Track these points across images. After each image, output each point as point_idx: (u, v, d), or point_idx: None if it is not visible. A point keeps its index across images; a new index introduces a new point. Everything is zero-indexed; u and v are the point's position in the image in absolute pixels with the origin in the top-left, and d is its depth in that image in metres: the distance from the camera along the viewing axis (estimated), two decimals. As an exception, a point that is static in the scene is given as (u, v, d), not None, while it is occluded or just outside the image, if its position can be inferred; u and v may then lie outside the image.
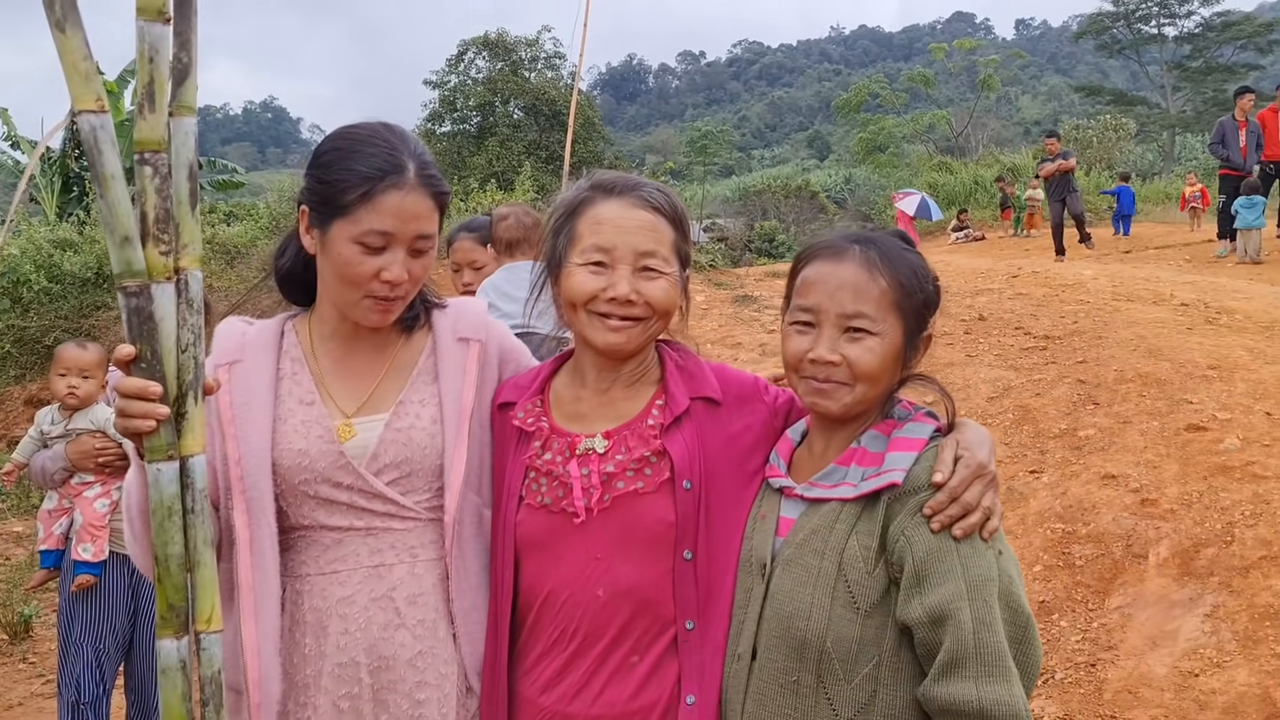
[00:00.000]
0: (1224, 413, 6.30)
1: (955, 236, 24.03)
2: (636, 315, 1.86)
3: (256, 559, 1.85)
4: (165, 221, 1.50)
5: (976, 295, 11.10)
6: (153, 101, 1.49)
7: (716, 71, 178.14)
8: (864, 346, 1.73)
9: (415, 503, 1.93)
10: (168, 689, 1.52)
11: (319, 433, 1.90)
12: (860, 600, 1.65)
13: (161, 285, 1.50)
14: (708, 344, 10.38)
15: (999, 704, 1.53)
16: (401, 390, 1.97)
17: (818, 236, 1.91)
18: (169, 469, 1.53)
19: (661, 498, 1.84)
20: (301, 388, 1.95)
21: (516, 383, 2.04)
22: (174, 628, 1.52)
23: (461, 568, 1.94)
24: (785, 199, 32.85)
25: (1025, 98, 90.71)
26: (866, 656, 1.64)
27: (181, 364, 1.54)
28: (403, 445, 1.92)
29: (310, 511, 1.90)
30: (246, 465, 1.86)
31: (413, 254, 1.88)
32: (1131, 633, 4.81)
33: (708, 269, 17.80)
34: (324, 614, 1.88)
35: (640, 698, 1.82)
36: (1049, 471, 6.27)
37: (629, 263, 1.85)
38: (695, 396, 1.92)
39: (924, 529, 1.62)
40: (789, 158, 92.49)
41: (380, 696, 1.87)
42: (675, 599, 1.83)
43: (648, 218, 1.88)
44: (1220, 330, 8.35)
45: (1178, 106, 46.38)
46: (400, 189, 1.83)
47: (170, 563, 1.52)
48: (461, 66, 34.52)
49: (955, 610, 1.56)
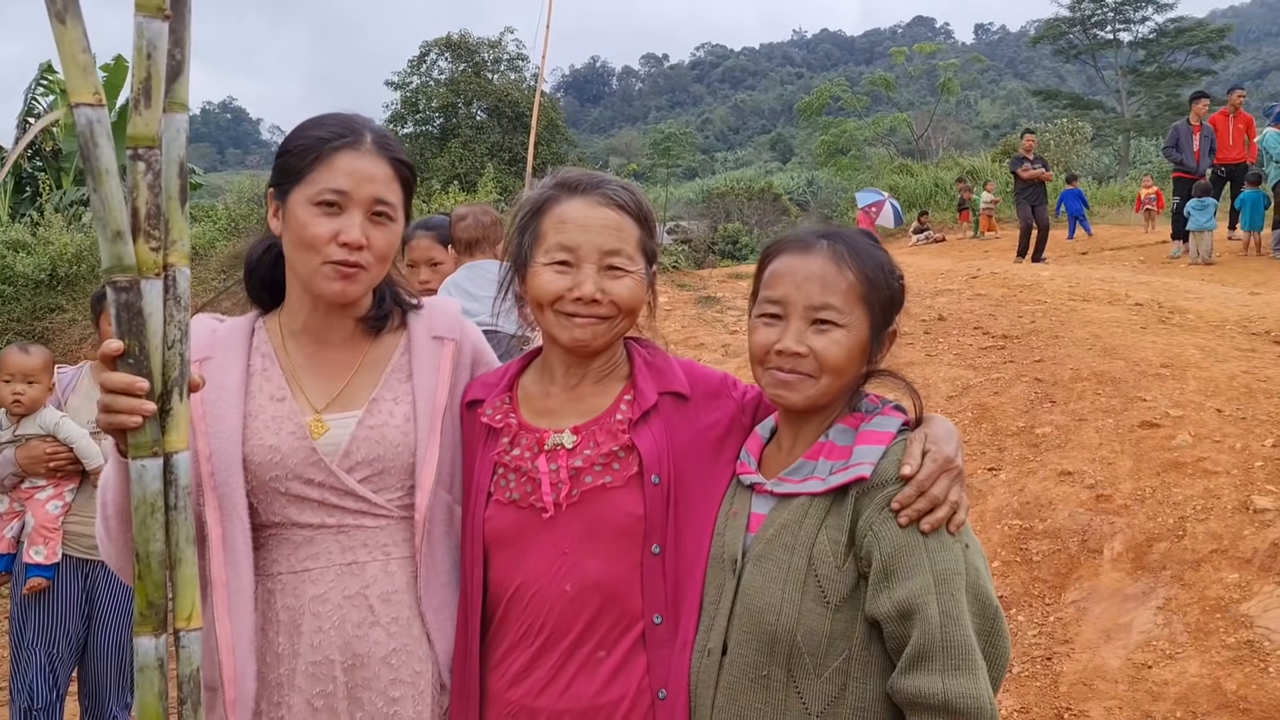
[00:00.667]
0: (1176, 410, 6.40)
1: (916, 238, 24.23)
2: (602, 314, 1.87)
3: (229, 555, 1.84)
4: (156, 217, 1.50)
5: (936, 295, 11.21)
6: (149, 97, 1.49)
7: (680, 74, 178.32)
8: (830, 338, 1.74)
9: (387, 500, 1.92)
10: (144, 687, 1.51)
11: (290, 429, 1.89)
12: (830, 595, 1.66)
13: (151, 281, 1.50)
14: (671, 345, 10.35)
15: (964, 696, 1.54)
16: (375, 387, 1.97)
17: (784, 232, 1.93)
18: (153, 465, 1.52)
19: (629, 492, 1.85)
20: (272, 384, 1.94)
21: (485, 380, 2.04)
22: (153, 625, 1.51)
23: (431, 565, 1.94)
24: (748, 201, 32.97)
25: (984, 101, 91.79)
26: (836, 650, 1.65)
27: (168, 360, 1.54)
28: (375, 443, 1.91)
29: (281, 509, 1.89)
30: (217, 461, 1.85)
31: (373, 221, 1.87)
32: (1086, 626, 4.88)
33: (671, 270, 17.84)
34: (297, 612, 1.87)
35: (607, 692, 1.82)
36: (1007, 469, 6.34)
37: (594, 261, 1.86)
38: (664, 391, 1.93)
39: (892, 523, 1.63)
40: (752, 160, 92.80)
41: (355, 694, 1.87)
42: (643, 593, 1.84)
43: (612, 216, 1.89)
44: (1173, 329, 8.49)
45: (1132, 111, 47.13)
46: (354, 149, 1.86)
47: (151, 560, 1.52)
48: (424, 68, 34.34)
49: (923, 604, 1.57)
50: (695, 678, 1.80)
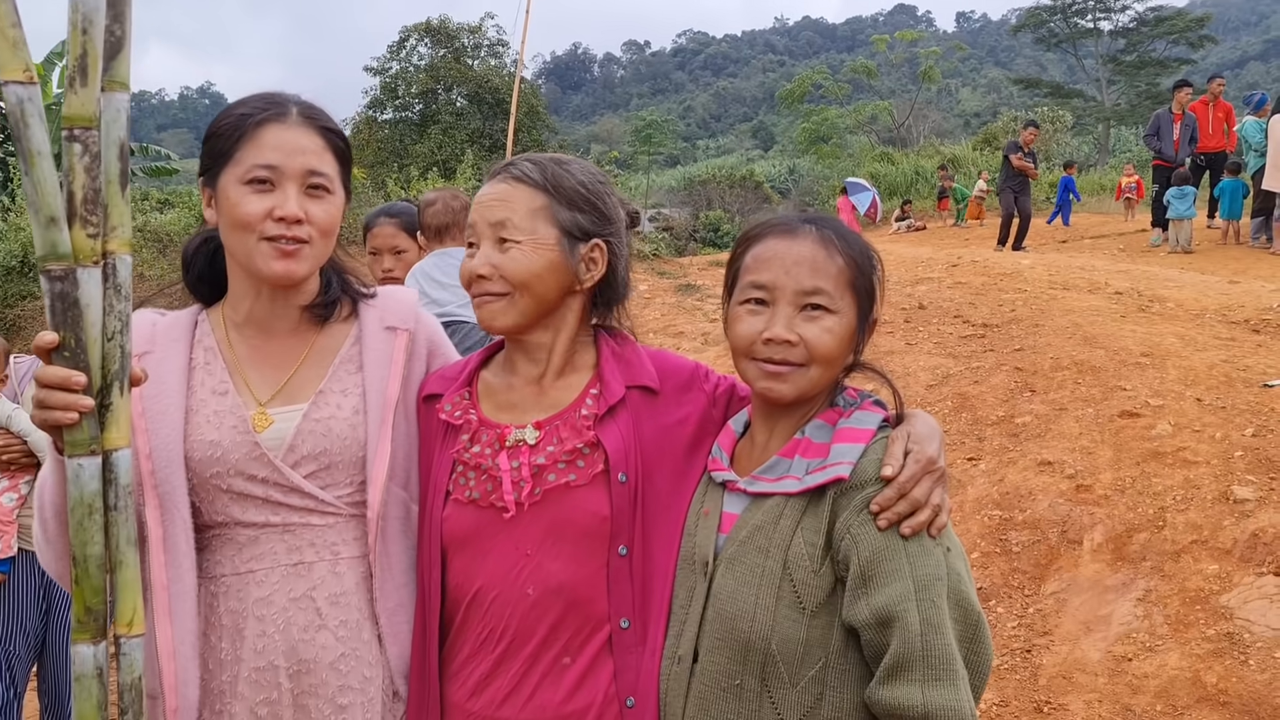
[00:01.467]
0: (1156, 399, 6.38)
1: (897, 226, 24.24)
2: (495, 290, 1.80)
3: (171, 557, 1.76)
4: (94, 202, 1.43)
5: (917, 284, 11.18)
6: (84, 75, 1.41)
7: (662, 61, 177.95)
8: (822, 326, 1.66)
9: (336, 497, 1.84)
10: (82, 698, 1.43)
11: (232, 423, 1.81)
12: (806, 600, 1.59)
13: (88, 269, 1.43)
14: (650, 333, 10.33)
15: (944, 709, 1.48)
16: (322, 379, 1.89)
17: (762, 217, 1.83)
18: (90, 464, 1.45)
19: (595, 491, 1.77)
20: (214, 377, 1.86)
21: (443, 374, 1.96)
22: (91, 632, 1.44)
23: (386, 566, 1.86)
24: (730, 189, 32.85)
25: (965, 90, 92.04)
26: (813, 658, 1.58)
27: (107, 353, 1.46)
28: (321, 436, 1.83)
29: (224, 507, 1.81)
30: (158, 459, 1.77)
31: (309, 195, 1.81)
32: (1066, 618, 4.85)
33: (651, 258, 17.76)
34: (240, 616, 1.79)
35: (574, 700, 1.75)
36: (987, 459, 6.31)
37: (488, 237, 1.81)
38: (631, 385, 1.85)
39: (870, 526, 1.56)
40: (734, 148, 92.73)
41: (300, 702, 1.79)
42: (609, 597, 1.76)
43: (503, 189, 1.82)
44: (1153, 318, 8.48)
45: (1113, 99, 47.29)
46: (280, 122, 1.80)
47: (89, 564, 1.44)
48: (403, 53, 34.03)
49: (903, 612, 1.50)
50: (665, 685, 1.72)
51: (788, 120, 56.07)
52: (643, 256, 17.99)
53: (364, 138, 32.04)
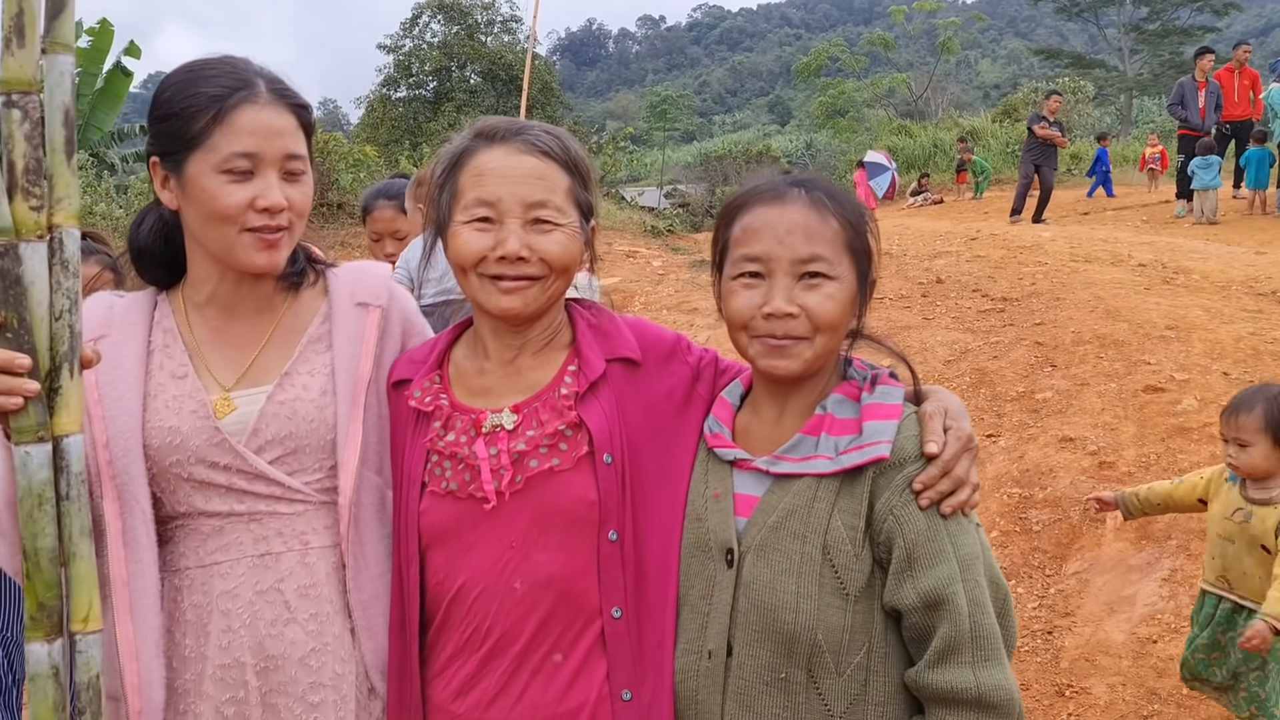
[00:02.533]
0: (1182, 373, 6.26)
1: (914, 200, 23.99)
2: (531, 274, 1.67)
3: (131, 551, 1.67)
4: (37, 173, 1.34)
5: (934, 258, 11.03)
6: (21, 35, 1.32)
7: (677, 36, 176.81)
8: (823, 293, 1.58)
9: (304, 484, 1.74)
10: (38, 699, 1.36)
11: (191, 408, 1.71)
12: (849, 585, 1.54)
13: (32, 244, 1.34)
14: (664, 309, 10.22)
15: (997, 689, 1.48)
16: (289, 360, 1.78)
17: (745, 183, 1.73)
18: (39, 452, 1.36)
19: (580, 474, 1.67)
20: (174, 360, 1.76)
21: (411, 357, 1.84)
22: (45, 629, 1.36)
23: (360, 555, 1.76)
24: (746, 164, 32.65)
25: (985, 61, 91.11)
26: (856, 645, 1.55)
27: (55, 333, 1.37)
28: (286, 419, 1.73)
29: (186, 496, 1.71)
30: (115, 448, 1.68)
31: (287, 179, 1.70)
32: (1089, 599, 4.75)
33: (665, 234, 17.62)
34: (204, 611, 1.70)
35: (566, 700, 1.65)
36: (1006, 435, 6.21)
37: (518, 215, 1.66)
38: (611, 358, 1.74)
39: (913, 507, 1.53)
40: (750, 123, 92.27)
41: (269, 700, 1.69)
42: (600, 586, 1.66)
43: (535, 164, 1.68)
44: (1178, 290, 8.34)
45: (1135, 69, 46.55)
46: (254, 103, 1.67)
47: (41, 557, 1.36)
48: (416, 30, 33.91)
49: (952, 594, 1.49)
50: (695, 682, 1.63)
51: (804, 94, 55.54)
52: (657, 233, 17.86)
53: (378, 116, 32.00)
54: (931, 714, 1.51)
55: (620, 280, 11.59)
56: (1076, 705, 4.15)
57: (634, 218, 19.75)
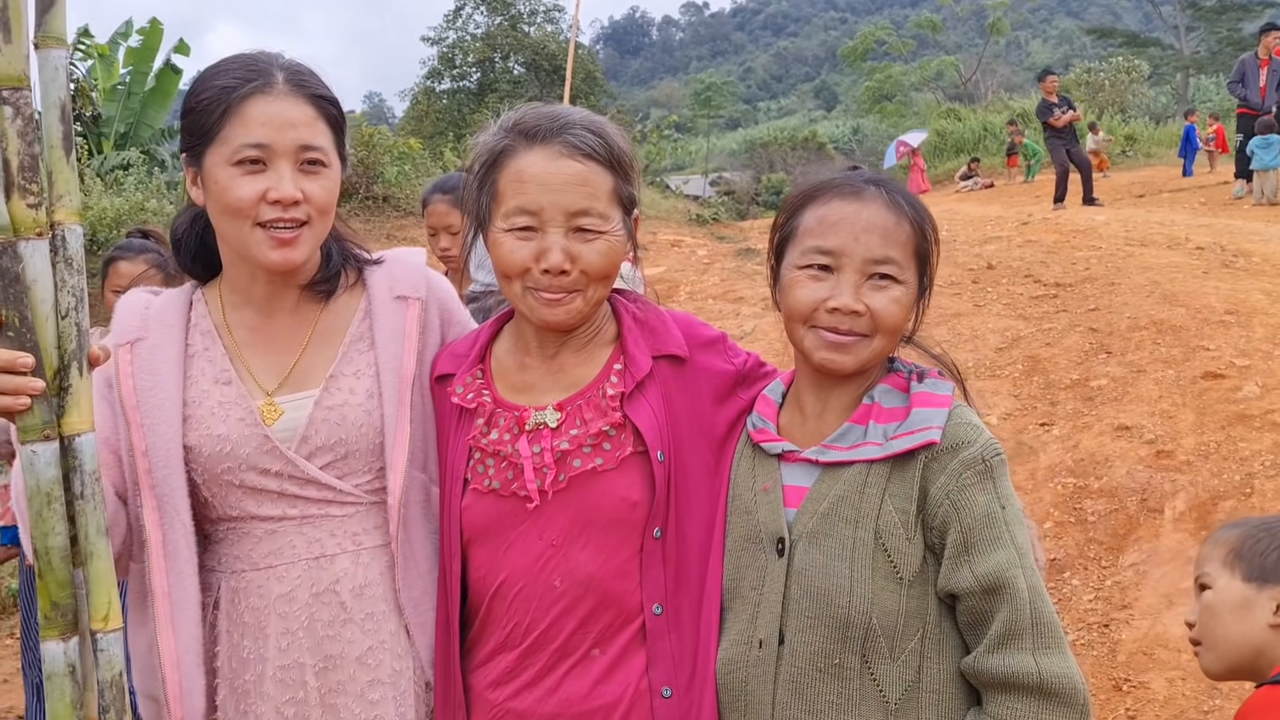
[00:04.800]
0: (1242, 359, 6.13)
1: (964, 184, 23.67)
2: (573, 286, 1.64)
3: (171, 562, 1.68)
4: (33, 170, 1.32)
5: (985, 243, 10.87)
6: (7, 30, 1.30)
7: (721, 22, 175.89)
8: (890, 296, 1.60)
9: (354, 486, 1.74)
10: (55, 697, 1.35)
11: (239, 415, 1.71)
12: (902, 569, 1.55)
13: (32, 242, 1.33)
14: (710, 299, 10.18)
15: (1059, 676, 1.47)
16: (332, 362, 1.77)
17: (818, 174, 1.72)
18: (45, 450, 1.36)
19: (624, 475, 1.66)
20: (215, 365, 1.75)
21: (453, 351, 1.82)
22: (59, 628, 1.36)
23: (409, 554, 1.76)
24: (792, 151, 32.51)
25: (1035, 42, 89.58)
26: (911, 629, 1.55)
27: (62, 331, 1.36)
28: (336, 425, 1.73)
29: (238, 501, 1.72)
30: (154, 457, 1.68)
31: (304, 171, 1.67)
32: (1147, 591, 4.66)
33: (711, 223, 17.54)
34: (262, 614, 1.71)
35: (602, 693, 1.64)
36: (1060, 424, 6.11)
37: (560, 225, 1.62)
38: (658, 355, 1.72)
39: (971, 492, 1.54)
40: (795, 109, 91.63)
41: (329, 700, 1.70)
42: (642, 582, 1.65)
43: (578, 169, 1.63)
44: (1237, 274, 8.14)
45: (1191, 47, 45.46)
46: (266, 94, 1.65)
47: (52, 556, 1.36)
48: (460, 22, 34.19)
49: (1011, 578, 1.50)
50: (744, 672, 1.62)
51: (851, 79, 55.13)
52: (702, 221, 17.79)
53: (422, 109, 32.24)
54: (990, 701, 1.51)
55: (665, 270, 11.56)
56: (1134, 700, 4.07)
57: (679, 206, 19.71)
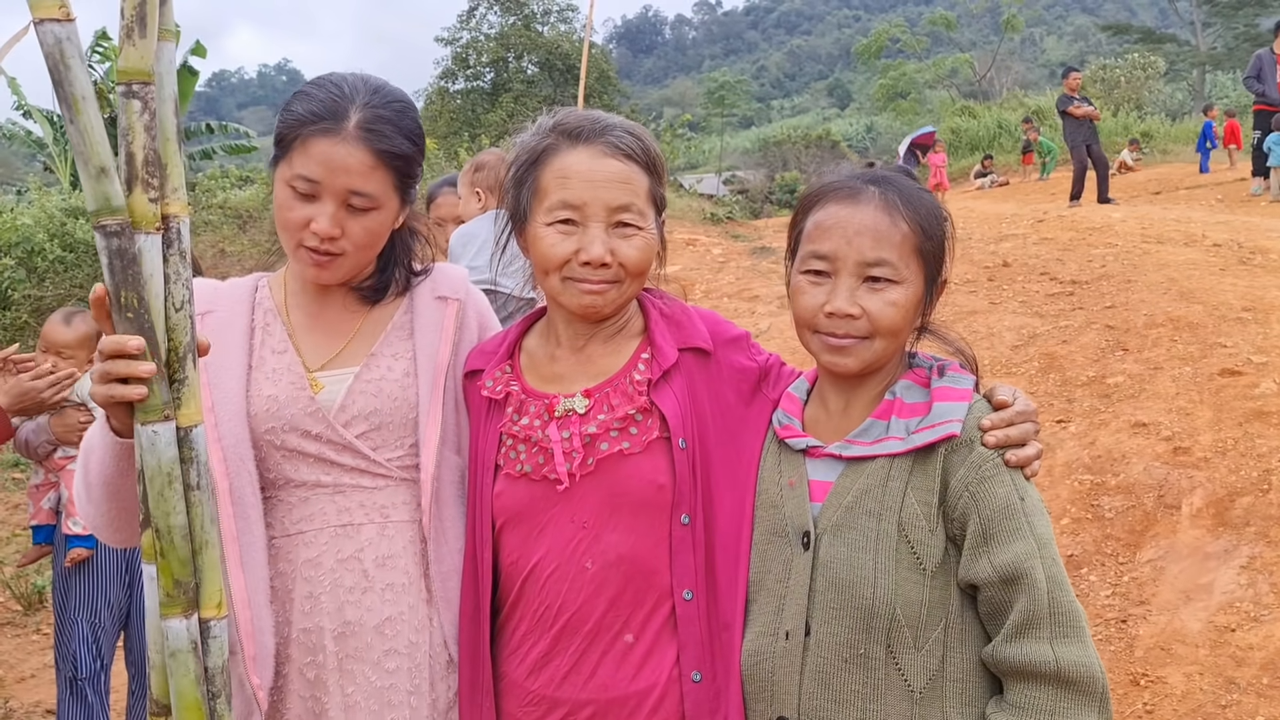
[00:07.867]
0: (1260, 356, 6.10)
1: (979, 182, 23.59)
2: (611, 278, 1.72)
3: (239, 509, 1.77)
4: (155, 164, 1.34)
5: (1000, 241, 10.85)
6: (143, 24, 1.31)
7: (734, 21, 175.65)
8: (885, 299, 1.62)
9: (387, 459, 1.83)
10: (180, 673, 1.37)
11: (290, 379, 1.83)
12: (925, 561, 1.57)
13: (150, 236, 1.34)
14: (725, 297, 10.20)
15: (1076, 665, 1.48)
16: (373, 346, 1.89)
17: (824, 176, 1.75)
18: (165, 430, 1.37)
19: (650, 459, 1.72)
20: (274, 338, 1.88)
21: (483, 349, 1.91)
22: (181, 605, 1.38)
23: (441, 530, 1.84)
24: (806, 149, 32.40)
25: (1050, 38, 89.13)
26: (934, 620, 1.57)
27: (177, 323, 1.38)
28: (372, 396, 1.83)
29: (276, 464, 1.81)
30: (221, 412, 1.78)
31: (349, 211, 1.77)
32: (1164, 587, 4.66)
33: (725, 221, 17.55)
34: (289, 579, 1.80)
35: (637, 680, 1.70)
36: (1076, 421, 6.10)
37: (602, 220, 1.70)
38: (684, 347, 1.78)
39: (990, 484, 1.55)
40: (809, 107, 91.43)
41: (345, 666, 1.77)
42: (672, 568, 1.71)
43: (619, 168, 1.72)
44: (1255, 271, 8.11)
45: (1208, 43, 45.15)
46: (332, 136, 1.73)
47: (174, 534, 1.37)
48: (473, 22, 34.15)
49: (1030, 569, 1.51)
50: (770, 664, 1.66)
51: (864, 77, 54.98)
52: (716, 220, 17.81)
53: (436, 109, 32.29)
54: (1010, 689, 1.53)
55: (680, 269, 11.59)
56: (1152, 695, 4.08)
57: (693, 205, 19.72)
